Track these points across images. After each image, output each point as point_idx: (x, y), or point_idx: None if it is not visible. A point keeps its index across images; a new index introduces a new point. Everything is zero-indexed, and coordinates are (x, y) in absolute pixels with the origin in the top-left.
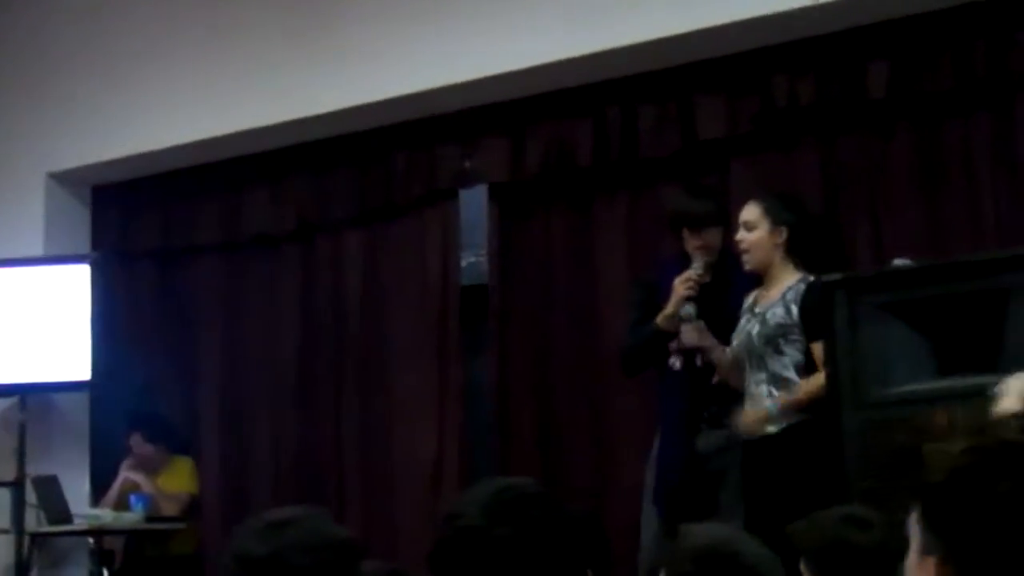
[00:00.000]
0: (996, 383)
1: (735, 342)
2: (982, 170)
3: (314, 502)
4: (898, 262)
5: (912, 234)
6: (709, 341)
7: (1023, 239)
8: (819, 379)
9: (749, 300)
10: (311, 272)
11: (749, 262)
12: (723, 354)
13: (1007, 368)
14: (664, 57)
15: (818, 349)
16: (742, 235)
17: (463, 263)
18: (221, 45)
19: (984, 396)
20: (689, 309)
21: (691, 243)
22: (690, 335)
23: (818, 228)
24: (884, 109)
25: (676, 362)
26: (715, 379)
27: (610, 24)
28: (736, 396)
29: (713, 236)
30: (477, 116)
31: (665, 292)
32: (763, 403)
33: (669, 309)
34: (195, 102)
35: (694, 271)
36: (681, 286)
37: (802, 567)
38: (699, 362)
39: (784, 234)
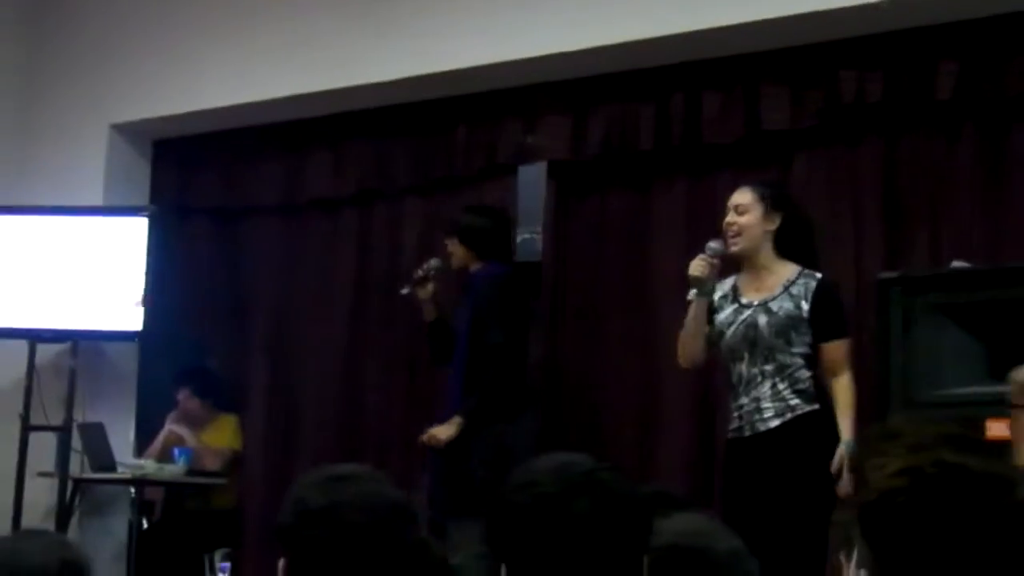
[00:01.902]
0: None
1: (728, 332)
2: None
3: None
4: (956, 264)
5: (971, 237)
6: (711, 283)
7: None
8: (849, 381)
9: (725, 288)
10: (368, 238)
11: (737, 244)
12: (703, 307)
13: None
14: (731, 45)
15: (832, 349)
16: (732, 218)
17: (518, 239)
18: (288, 8)
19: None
20: (716, 245)
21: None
22: (700, 266)
23: (809, 224)
24: (950, 110)
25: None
26: None
27: (678, 9)
28: None
29: (448, 243)
30: (540, 93)
31: None
32: (773, 394)
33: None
34: (259, 63)
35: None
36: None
37: None
38: (690, 295)
39: (777, 222)
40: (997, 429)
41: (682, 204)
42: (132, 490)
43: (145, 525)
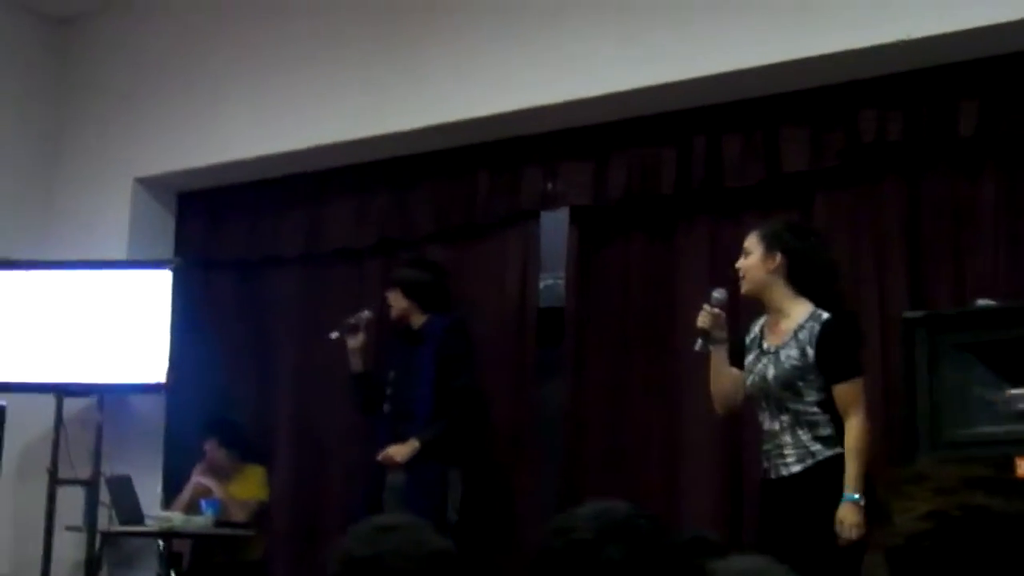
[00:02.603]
0: None
1: (749, 379)
2: None
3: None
4: (981, 302)
5: (996, 275)
6: (718, 333)
7: None
8: (857, 425)
9: (755, 331)
10: (391, 287)
11: (743, 286)
12: (722, 353)
13: None
14: (751, 87)
15: (840, 392)
16: (740, 261)
17: (541, 285)
18: (310, 60)
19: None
20: (719, 294)
21: None
22: (704, 318)
23: (819, 260)
24: (972, 148)
25: (699, 344)
26: None
27: (697, 53)
28: None
29: (388, 295)
30: (562, 139)
31: None
32: (794, 440)
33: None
34: (282, 114)
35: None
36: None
37: None
38: (697, 347)
39: (778, 260)
40: None
41: (705, 248)
42: (160, 543)
43: None
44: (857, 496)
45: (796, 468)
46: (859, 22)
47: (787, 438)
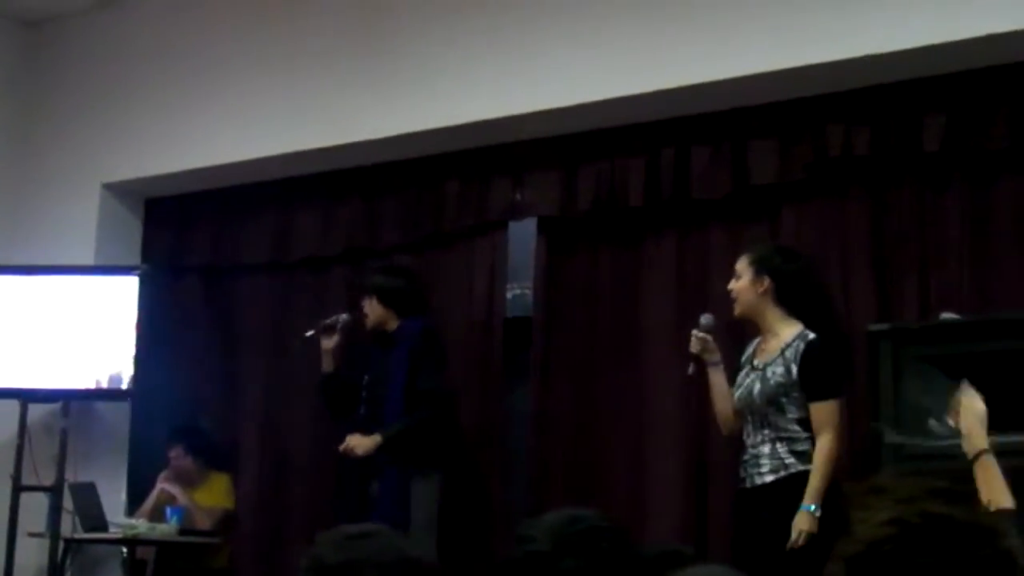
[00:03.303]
0: None
1: (737, 393)
2: None
3: (349, 524)
4: (945, 316)
5: (960, 288)
6: (711, 356)
7: None
8: (827, 444)
9: (749, 350)
10: (358, 296)
11: (735, 308)
12: (720, 376)
13: None
14: (719, 100)
15: (815, 410)
16: (732, 283)
17: (509, 295)
18: (278, 67)
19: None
20: (707, 320)
21: None
22: (694, 343)
23: (807, 282)
24: (938, 163)
25: (691, 368)
26: None
27: (666, 65)
28: None
29: (364, 303)
30: (530, 149)
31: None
32: (772, 451)
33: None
34: (250, 122)
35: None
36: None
37: None
38: (690, 371)
39: (766, 283)
40: None
41: (672, 259)
42: (124, 550)
43: None
44: (812, 507)
45: (769, 478)
46: (827, 37)
47: (765, 450)
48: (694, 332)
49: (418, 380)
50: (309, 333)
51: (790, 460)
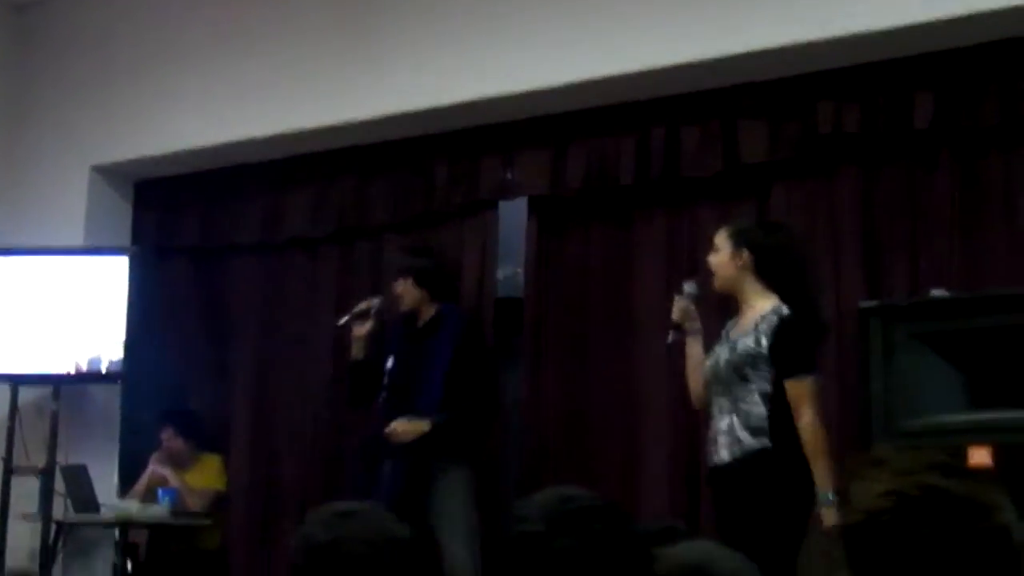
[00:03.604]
0: None
1: (707, 363)
2: (1023, 206)
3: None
4: (935, 293)
5: (950, 266)
6: (691, 324)
7: None
8: (808, 423)
9: (727, 327)
10: (348, 276)
11: (715, 282)
12: (697, 347)
13: None
14: (709, 78)
15: (790, 387)
16: (710, 257)
17: (500, 275)
18: (269, 48)
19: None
20: (690, 287)
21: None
22: (676, 311)
23: (787, 256)
24: (928, 140)
25: (671, 336)
26: None
27: (655, 43)
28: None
29: (394, 285)
30: (520, 129)
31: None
32: (729, 428)
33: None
34: (240, 102)
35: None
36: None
37: None
38: (670, 339)
39: (745, 256)
40: (979, 456)
41: (662, 237)
42: (116, 532)
43: (129, 567)
44: (831, 496)
45: (726, 457)
46: (817, 15)
47: (723, 426)
48: (676, 298)
49: (464, 372)
50: (343, 320)
51: (743, 435)
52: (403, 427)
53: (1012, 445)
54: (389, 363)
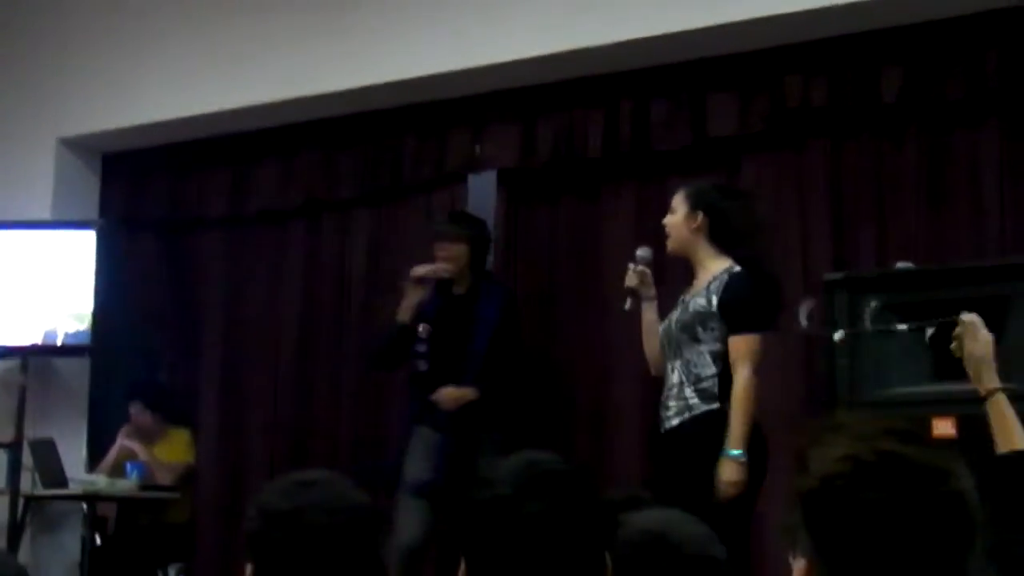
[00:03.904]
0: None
1: (661, 327)
2: (989, 179)
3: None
4: (901, 265)
5: (916, 239)
6: (646, 291)
7: None
8: (742, 379)
9: (684, 293)
10: (316, 250)
11: (669, 243)
12: (652, 313)
13: (1005, 375)
14: (678, 52)
15: (736, 343)
16: (666, 218)
17: None
18: (235, 20)
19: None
20: (644, 252)
21: (436, 253)
22: (631, 277)
23: (742, 220)
24: (895, 114)
25: (628, 303)
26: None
27: (624, 16)
28: None
29: (447, 250)
30: (489, 102)
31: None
32: (678, 392)
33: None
34: (208, 75)
35: (432, 268)
36: (417, 269)
37: None
38: (627, 306)
39: (699, 218)
40: (943, 427)
41: (631, 210)
42: (84, 506)
43: (98, 541)
44: (737, 452)
45: (675, 422)
46: None
47: (673, 391)
48: (631, 265)
49: (505, 344)
50: (420, 273)
51: (694, 400)
52: (451, 394)
53: (976, 416)
54: (421, 330)
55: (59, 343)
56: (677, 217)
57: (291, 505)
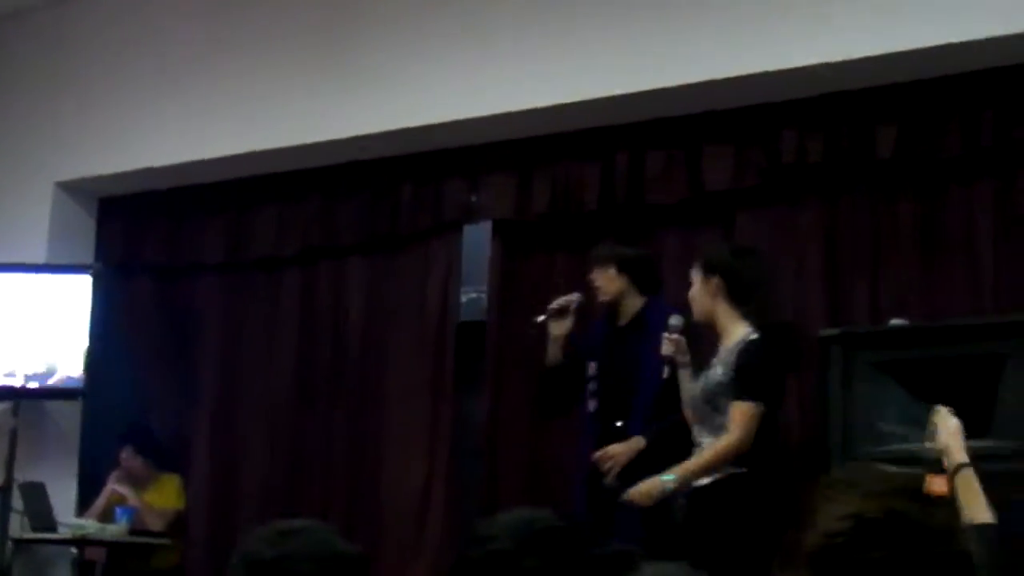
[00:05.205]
0: (989, 447)
1: (687, 396)
2: (983, 237)
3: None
4: (895, 322)
5: (910, 296)
6: (681, 358)
7: (1021, 306)
8: (728, 440)
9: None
10: (312, 297)
11: (694, 315)
12: (688, 379)
13: (1000, 433)
14: (674, 106)
15: (734, 409)
16: (689, 292)
17: (463, 298)
18: (235, 67)
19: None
20: (676, 321)
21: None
22: (666, 347)
23: (753, 276)
24: (890, 171)
25: (665, 370)
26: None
27: (621, 70)
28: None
29: (595, 275)
30: (486, 153)
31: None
32: None
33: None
34: (206, 121)
35: (567, 299)
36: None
37: None
38: (665, 373)
39: (715, 282)
40: (937, 485)
41: None
42: (73, 550)
43: None
44: (671, 477)
45: (704, 480)
46: (781, 45)
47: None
48: (665, 335)
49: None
50: (540, 318)
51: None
52: (618, 450)
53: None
54: (591, 368)
55: (52, 386)
56: (696, 288)
57: (275, 553)
